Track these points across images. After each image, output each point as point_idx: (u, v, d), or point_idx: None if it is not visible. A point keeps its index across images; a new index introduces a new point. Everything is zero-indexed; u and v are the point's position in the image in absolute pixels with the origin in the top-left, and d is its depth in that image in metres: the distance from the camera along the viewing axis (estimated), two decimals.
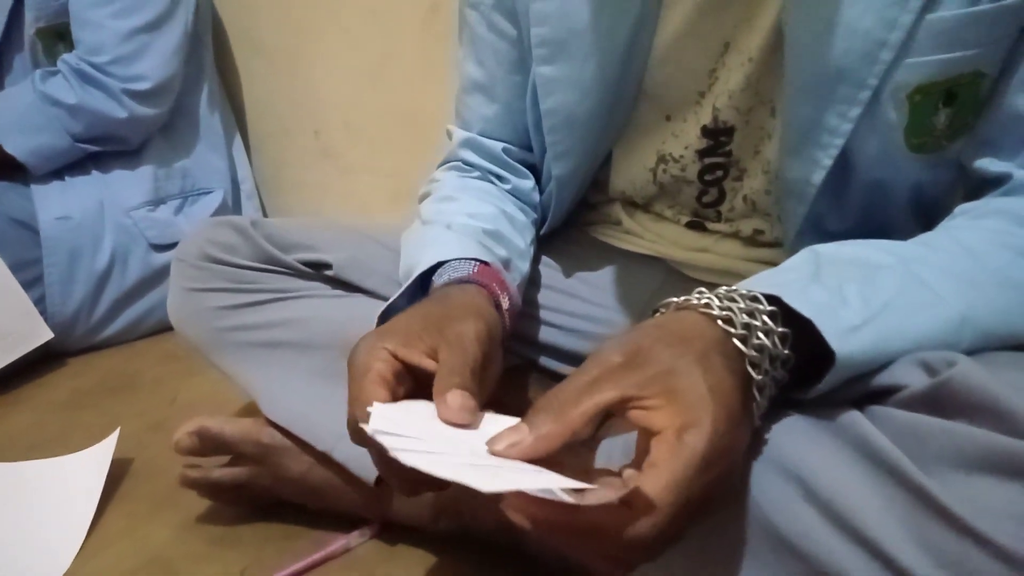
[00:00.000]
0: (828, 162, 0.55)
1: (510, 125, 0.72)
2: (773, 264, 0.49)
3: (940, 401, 0.39)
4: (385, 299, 0.61)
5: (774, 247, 0.66)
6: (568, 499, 0.35)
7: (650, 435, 0.38)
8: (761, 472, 0.42)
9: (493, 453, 0.38)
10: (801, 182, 0.57)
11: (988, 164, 0.53)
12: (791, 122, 0.56)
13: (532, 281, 0.74)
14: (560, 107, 0.65)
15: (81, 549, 0.77)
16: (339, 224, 0.80)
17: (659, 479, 0.36)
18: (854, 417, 0.41)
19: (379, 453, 0.50)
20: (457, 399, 0.45)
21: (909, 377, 0.41)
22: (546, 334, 0.74)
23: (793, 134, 0.56)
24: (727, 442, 0.38)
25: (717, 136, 0.64)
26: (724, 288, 0.43)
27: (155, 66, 1.25)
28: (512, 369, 0.73)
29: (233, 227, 0.75)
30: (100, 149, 1.25)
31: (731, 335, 0.41)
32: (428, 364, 0.49)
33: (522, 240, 0.70)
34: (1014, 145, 0.51)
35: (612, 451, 0.50)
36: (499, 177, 0.74)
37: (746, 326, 0.41)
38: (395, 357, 0.49)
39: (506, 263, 0.65)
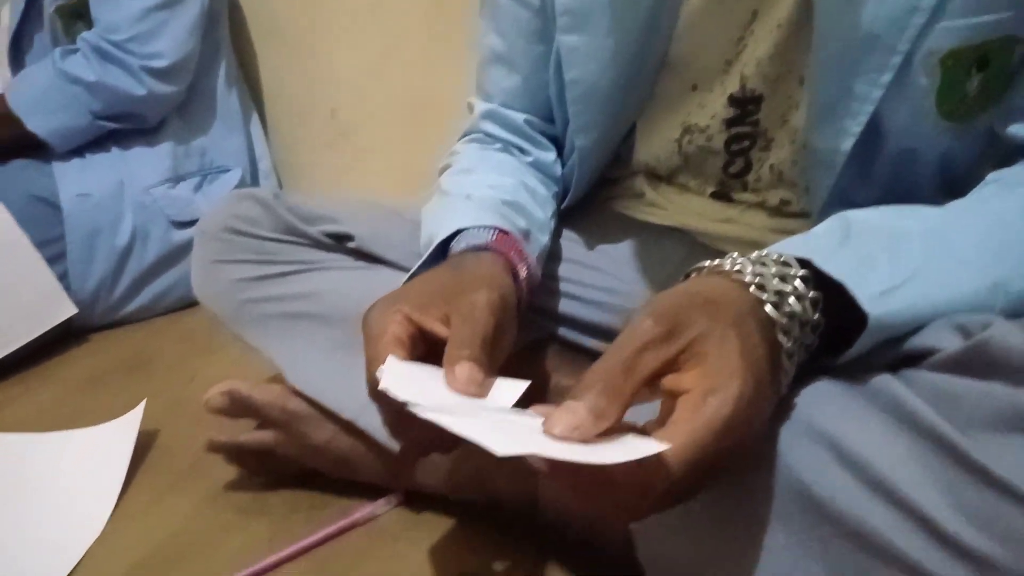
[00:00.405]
0: (857, 130, 0.55)
1: (531, 96, 0.72)
2: None
3: (976, 363, 0.39)
4: (406, 271, 0.62)
5: (800, 218, 0.66)
6: (590, 461, 0.35)
7: (677, 396, 0.38)
8: (792, 436, 0.42)
9: (553, 436, 0.38)
10: (829, 151, 0.57)
11: (1020, 130, 0.52)
12: (820, 90, 0.56)
13: (553, 254, 0.74)
14: (583, 78, 0.64)
15: (109, 521, 0.77)
16: (360, 200, 0.81)
17: (677, 438, 0.36)
18: (887, 380, 0.41)
19: (391, 412, 0.51)
20: (465, 371, 0.46)
21: (943, 340, 0.41)
22: (566, 306, 0.74)
23: (822, 102, 0.56)
24: (751, 411, 0.38)
25: (744, 105, 0.63)
26: (755, 253, 0.43)
27: (172, 44, 1.25)
28: (532, 342, 0.73)
29: (256, 199, 0.76)
30: (120, 127, 1.26)
31: (763, 301, 0.41)
32: (441, 330, 0.49)
33: (542, 212, 0.70)
34: None
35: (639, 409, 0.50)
36: (521, 149, 0.74)
37: (778, 292, 0.41)
38: (409, 321, 0.50)
39: (525, 234, 0.65)
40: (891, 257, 0.43)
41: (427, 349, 0.50)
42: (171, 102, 1.30)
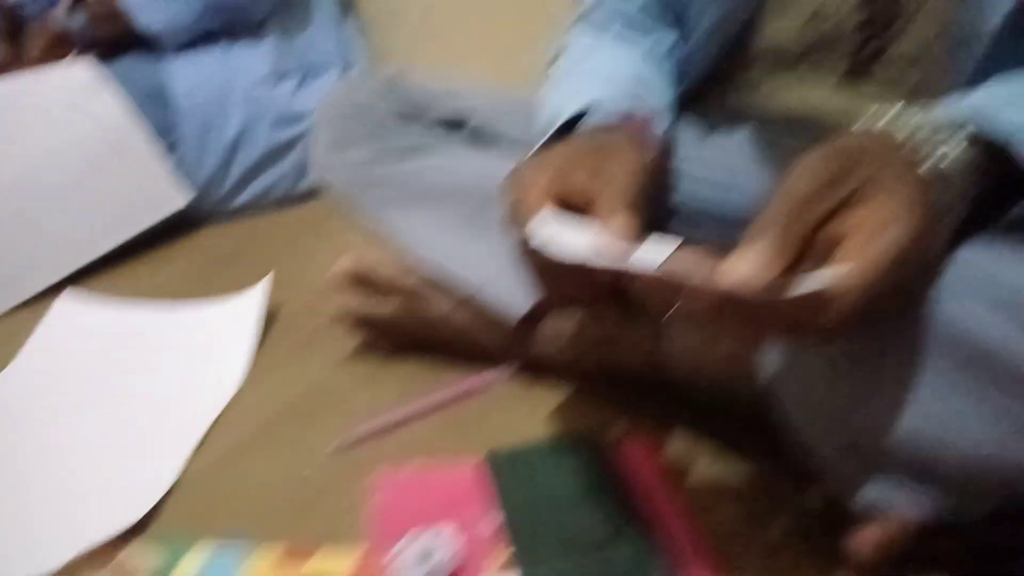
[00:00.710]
0: (1010, 2, 0.52)
1: None
2: None
3: None
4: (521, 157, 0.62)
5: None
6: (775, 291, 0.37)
7: (835, 244, 0.39)
8: (962, 296, 0.42)
9: (727, 285, 0.38)
10: (975, 28, 0.54)
11: None
12: None
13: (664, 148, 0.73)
14: None
15: (244, 381, 0.83)
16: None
17: (857, 264, 0.37)
18: None
19: (539, 261, 0.51)
20: (621, 220, 0.46)
21: None
22: (680, 198, 0.73)
23: None
24: (924, 246, 0.39)
25: None
26: (914, 110, 0.43)
27: None
28: None
29: (373, 84, 0.79)
30: (227, 20, 1.29)
31: (919, 160, 0.41)
32: (590, 189, 0.50)
33: (661, 101, 0.69)
34: None
35: None
36: (641, 29, 0.72)
37: (931, 153, 0.41)
38: (558, 178, 0.50)
39: (658, 115, 0.65)
40: None
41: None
42: None
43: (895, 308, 0.42)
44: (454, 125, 0.78)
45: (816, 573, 0.53)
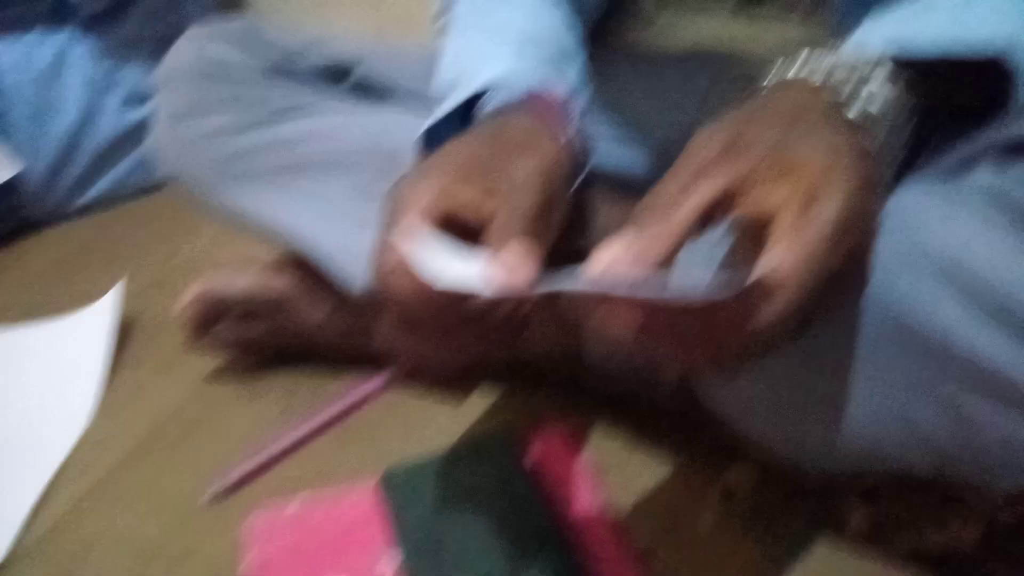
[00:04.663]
0: None
1: None
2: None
3: None
4: (420, 109, 0.53)
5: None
6: (698, 294, 0.30)
7: (763, 225, 0.32)
8: (889, 264, 0.36)
9: (600, 263, 0.33)
10: None
11: None
12: None
13: None
14: None
15: (95, 412, 0.71)
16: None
17: (788, 255, 0.30)
18: (999, 180, 0.35)
19: (413, 294, 0.42)
20: (517, 248, 0.38)
21: None
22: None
23: None
24: (860, 206, 0.32)
25: None
26: (820, 54, 0.37)
27: None
28: None
29: (228, 36, 0.65)
30: None
31: (838, 104, 0.35)
32: (486, 205, 0.41)
33: (577, 73, 0.61)
34: None
35: (692, 263, 0.44)
36: None
37: (853, 93, 0.35)
38: (444, 195, 0.41)
39: (575, 91, 0.57)
40: None
41: (462, 232, 0.42)
42: None
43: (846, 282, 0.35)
44: (335, 76, 0.65)
45: (749, 565, 0.49)
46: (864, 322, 0.37)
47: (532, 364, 0.62)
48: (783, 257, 0.30)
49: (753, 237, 0.33)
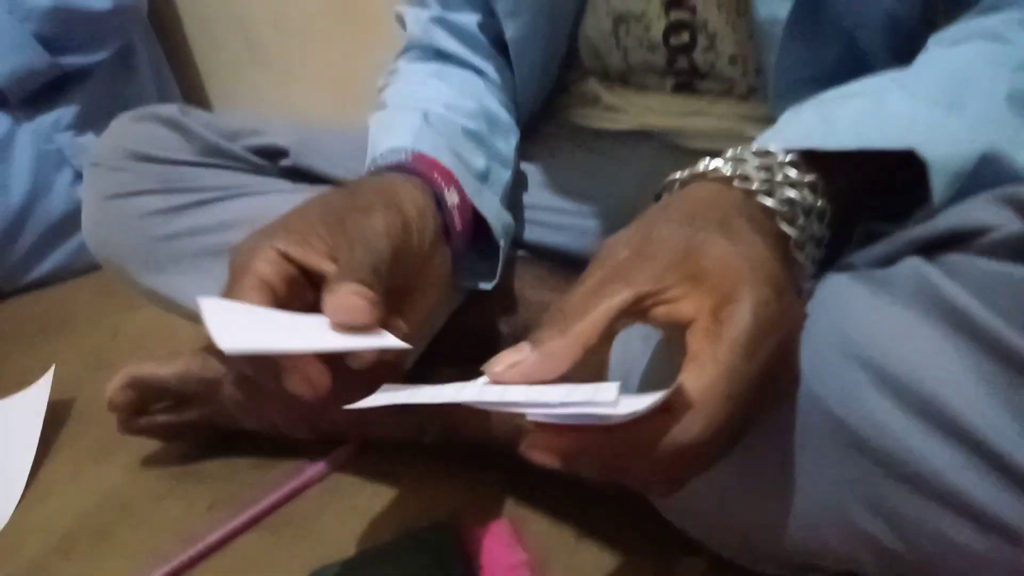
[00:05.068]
0: None
1: None
2: (775, 121, 0.42)
3: None
4: None
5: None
6: (604, 411, 0.28)
7: (682, 332, 0.31)
8: (817, 357, 0.35)
9: (492, 377, 0.31)
10: (769, 21, 0.51)
11: None
12: None
13: (514, 180, 0.65)
14: None
15: (23, 498, 0.69)
16: (288, 117, 0.70)
17: (703, 372, 0.29)
18: (926, 271, 0.34)
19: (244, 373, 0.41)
20: (351, 288, 0.37)
21: (992, 217, 0.34)
22: (534, 234, 0.67)
23: None
24: (774, 312, 0.31)
25: None
26: (728, 151, 0.37)
27: None
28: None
29: (159, 119, 0.64)
30: (79, 61, 1.13)
31: (752, 192, 0.34)
32: (328, 268, 0.40)
33: (506, 145, 0.62)
34: None
35: (630, 374, 0.43)
36: (477, 70, 0.64)
37: (766, 181, 0.35)
38: (287, 259, 0.40)
39: (484, 174, 0.57)
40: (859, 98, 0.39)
41: (314, 296, 0.41)
42: (134, 22, 1.19)
43: (778, 380, 0.34)
44: (269, 158, 0.64)
45: None
46: (800, 416, 0.36)
47: (472, 446, 0.61)
48: (696, 375, 0.29)
49: (678, 342, 0.32)
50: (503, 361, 0.31)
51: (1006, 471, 0.31)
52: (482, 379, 0.32)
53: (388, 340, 0.38)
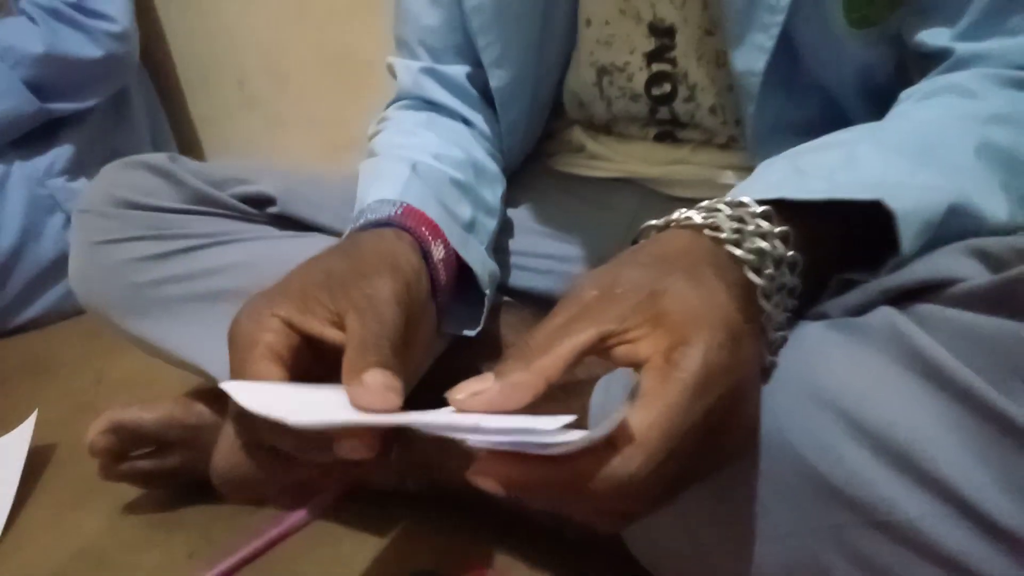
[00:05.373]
0: (770, 44, 0.51)
1: (461, 32, 0.64)
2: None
3: (1012, 300, 0.32)
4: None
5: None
6: (543, 440, 0.29)
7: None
8: (790, 405, 0.35)
9: (454, 404, 0.32)
10: (747, 73, 0.53)
11: (927, 38, 0.49)
12: (729, 6, 0.52)
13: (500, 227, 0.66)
14: (483, 2, 0.59)
15: (0, 545, 0.68)
16: (277, 165, 0.71)
17: (647, 410, 0.29)
18: (898, 322, 0.35)
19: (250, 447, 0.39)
20: (378, 378, 0.36)
21: (961, 268, 0.35)
22: (519, 279, 0.67)
23: (733, 20, 0.52)
24: (727, 358, 0.31)
25: (661, 36, 0.59)
26: (703, 203, 0.38)
27: (122, 10, 1.17)
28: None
29: (148, 167, 0.65)
30: (68, 107, 1.14)
31: (721, 241, 0.35)
32: (332, 335, 0.39)
33: (492, 194, 0.63)
34: (951, 16, 0.48)
35: (610, 388, 0.43)
36: (465, 120, 0.66)
37: (737, 231, 0.36)
38: (290, 327, 0.39)
39: (470, 224, 0.58)
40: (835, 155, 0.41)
41: (313, 361, 0.40)
42: (125, 71, 1.21)
43: (735, 428, 0.34)
44: (257, 206, 0.65)
45: None
46: (774, 463, 0.36)
47: (454, 494, 0.60)
48: (642, 413, 0.29)
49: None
50: (466, 389, 0.31)
51: (979, 520, 0.31)
52: (446, 408, 0.33)
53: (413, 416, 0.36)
